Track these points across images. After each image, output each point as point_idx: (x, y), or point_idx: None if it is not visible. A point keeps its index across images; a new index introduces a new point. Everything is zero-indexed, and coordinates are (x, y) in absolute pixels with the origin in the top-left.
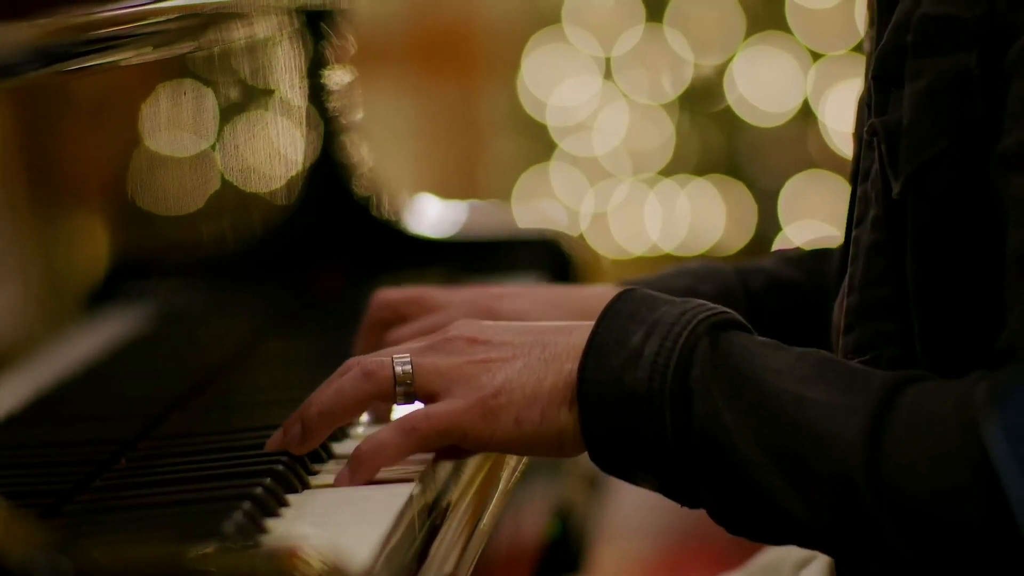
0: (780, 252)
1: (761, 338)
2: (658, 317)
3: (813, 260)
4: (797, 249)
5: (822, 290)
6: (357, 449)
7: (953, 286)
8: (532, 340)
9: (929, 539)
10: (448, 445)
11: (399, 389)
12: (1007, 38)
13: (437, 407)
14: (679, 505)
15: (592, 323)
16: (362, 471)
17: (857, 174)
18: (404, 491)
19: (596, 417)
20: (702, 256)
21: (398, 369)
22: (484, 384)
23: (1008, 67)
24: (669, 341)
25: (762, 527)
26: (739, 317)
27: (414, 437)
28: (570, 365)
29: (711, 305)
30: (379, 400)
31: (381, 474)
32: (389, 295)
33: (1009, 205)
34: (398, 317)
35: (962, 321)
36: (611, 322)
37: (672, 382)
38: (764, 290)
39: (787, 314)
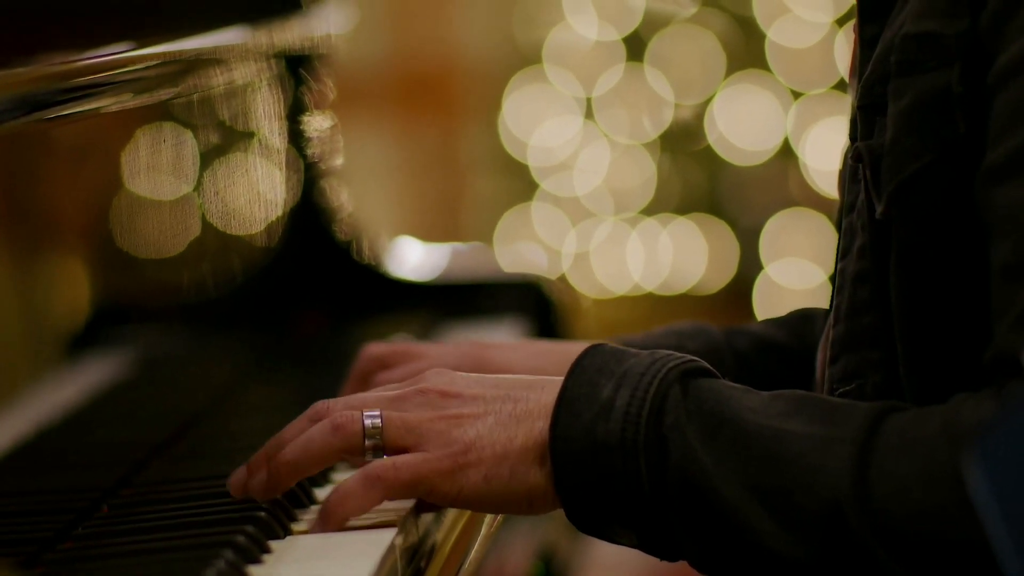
0: (768, 319)
1: (731, 383)
2: (627, 369)
3: (799, 322)
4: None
5: (808, 351)
6: (326, 499)
7: (936, 307)
8: (504, 395)
9: (924, 560)
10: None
11: (368, 443)
12: (989, 54)
13: (405, 458)
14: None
15: (562, 379)
16: (330, 521)
17: (842, 216)
18: (387, 536)
19: (570, 472)
20: (684, 295)
21: (367, 423)
22: (455, 440)
23: (991, 83)
24: (640, 391)
25: (749, 570)
26: (708, 365)
27: (379, 487)
28: (541, 423)
29: (679, 354)
30: (347, 454)
31: (363, 518)
32: (377, 348)
33: (994, 218)
34: (385, 370)
35: (945, 343)
36: (580, 377)
37: (645, 431)
38: (751, 350)
39: (773, 374)
